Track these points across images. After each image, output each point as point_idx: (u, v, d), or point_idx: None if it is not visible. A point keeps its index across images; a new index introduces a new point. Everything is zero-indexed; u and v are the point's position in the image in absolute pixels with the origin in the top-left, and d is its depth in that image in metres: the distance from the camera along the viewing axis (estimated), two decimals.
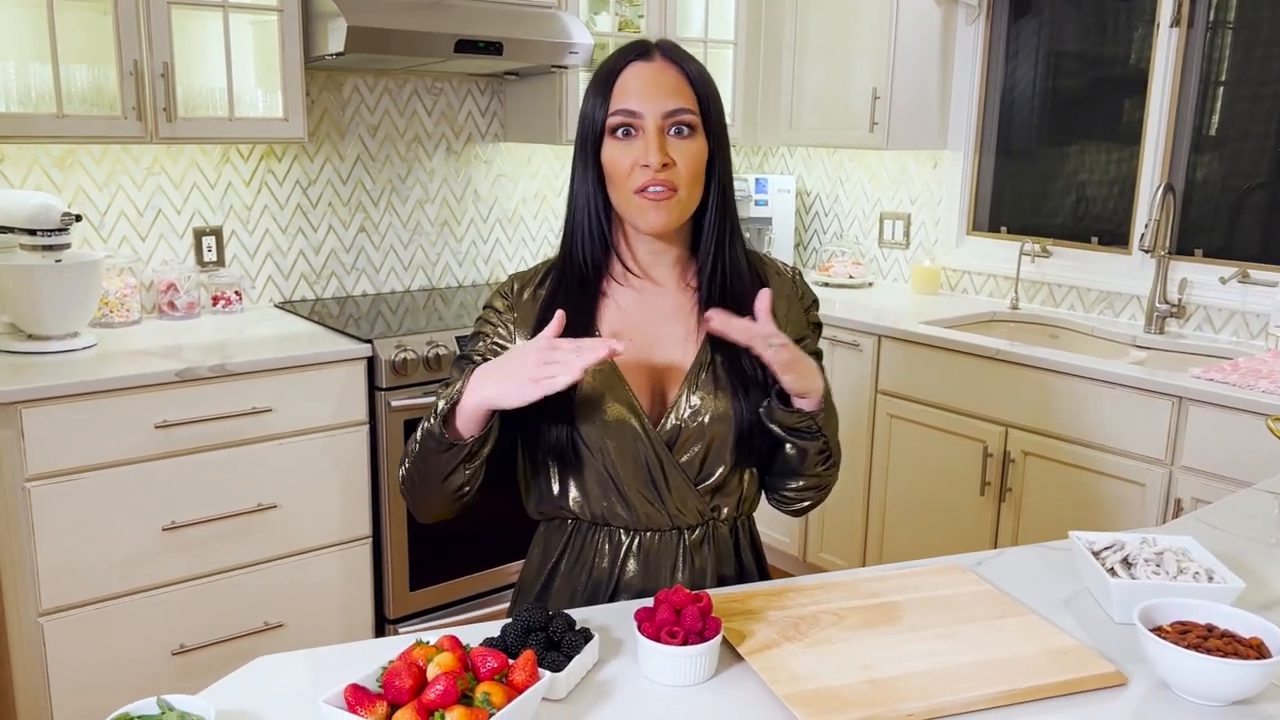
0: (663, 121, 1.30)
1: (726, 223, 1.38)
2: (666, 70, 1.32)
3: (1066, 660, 1.16)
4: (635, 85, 1.31)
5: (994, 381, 2.82)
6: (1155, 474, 2.53)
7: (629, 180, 1.30)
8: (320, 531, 2.66)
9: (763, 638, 1.20)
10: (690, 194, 1.32)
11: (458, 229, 3.48)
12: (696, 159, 1.31)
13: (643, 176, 1.29)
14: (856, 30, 3.44)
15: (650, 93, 1.30)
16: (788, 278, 1.48)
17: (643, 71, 1.31)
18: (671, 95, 1.30)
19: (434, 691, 0.96)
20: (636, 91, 1.30)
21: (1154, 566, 1.30)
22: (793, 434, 1.33)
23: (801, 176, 4.12)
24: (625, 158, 1.30)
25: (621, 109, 1.30)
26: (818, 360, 1.47)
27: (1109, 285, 3.19)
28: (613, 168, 1.32)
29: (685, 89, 1.31)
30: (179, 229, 2.93)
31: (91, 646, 2.36)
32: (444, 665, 0.99)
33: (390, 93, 3.26)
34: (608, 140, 1.32)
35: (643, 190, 1.30)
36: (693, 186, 1.32)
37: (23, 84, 2.43)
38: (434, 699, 0.95)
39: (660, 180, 1.29)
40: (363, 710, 0.95)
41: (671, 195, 1.30)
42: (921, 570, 1.40)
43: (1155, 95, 3.06)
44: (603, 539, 1.39)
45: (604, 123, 1.32)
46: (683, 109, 1.30)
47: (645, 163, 1.28)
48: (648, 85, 1.30)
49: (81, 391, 2.25)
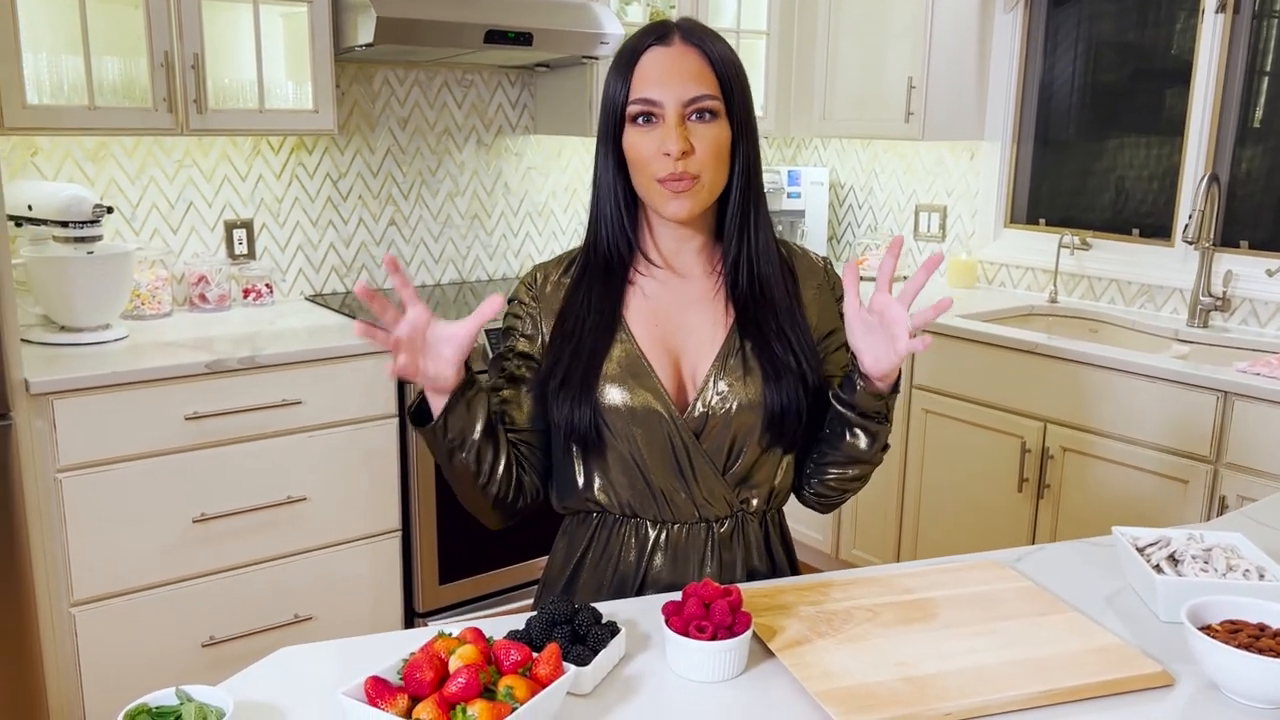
0: (683, 109, 1.26)
1: (751, 207, 1.34)
2: (687, 54, 1.28)
3: (1110, 659, 1.12)
4: (655, 72, 1.27)
5: (1032, 376, 2.76)
6: (1199, 471, 2.46)
7: (649, 168, 1.28)
8: (349, 524, 2.66)
9: (794, 633, 1.16)
10: (713, 180, 1.29)
11: (488, 222, 3.47)
12: (718, 144, 1.28)
13: (663, 166, 1.26)
14: (891, 19, 3.38)
15: (670, 79, 1.26)
16: (819, 267, 1.44)
17: (662, 57, 1.28)
18: (692, 81, 1.26)
19: (455, 684, 0.93)
20: (656, 78, 1.27)
21: (1202, 563, 1.26)
22: (866, 418, 1.31)
23: (835, 169, 4.07)
24: (646, 146, 1.27)
25: (641, 97, 1.27)
26: (845, 350, 1.44)
27: (1151, 278, 3.12)
28: (634, 155, 1.29)
29: (706, 73, 1.27)
30: (210, 221, 2.94)
31: (122, 638, 2.37)
32: (466, 658, 0.97)
33: (420, 85, 3.25)
34: (628, 127, 1.29)
35: (663, 180, 1.27)
36: (716, 172, 1.29)
37: (55, 76, 2.44)
38: (455, 692, 0.93)
39: (680, 171, 1.26)
40: (383, 703, 0.93)
41: (693, 183, 1.27)
42: (959, 566, 1.36)
43: (1199, 83, 2.98)
44: (629, 532, 1.37)
45: (624, 109, 1.29)
46: (703, 95, 1.26)
47: (665, 151, 1.25)
48: (667, 72, 1.27)
49: (113, 383, 2.26)
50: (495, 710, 0.92)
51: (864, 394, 1.29)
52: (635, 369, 1.32)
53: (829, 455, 1.37)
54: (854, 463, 1.36)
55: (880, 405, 1.30)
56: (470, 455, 1.28)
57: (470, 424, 1.27)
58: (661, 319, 1.36)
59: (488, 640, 1.03)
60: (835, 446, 1.35)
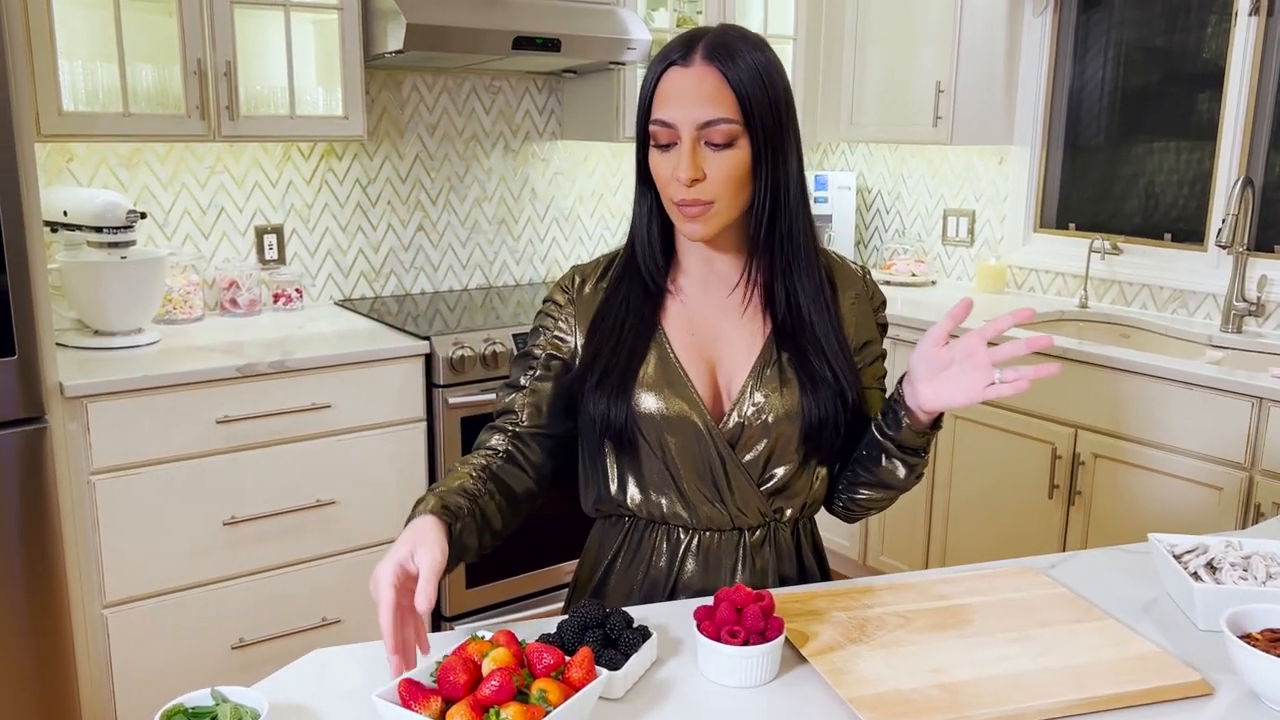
0: (697, 133, 1.24)
1: (775, 226, 1.30)
2: (705, 76, 1.23)
3: (1149, 667, 1.10)
4: (672, 94, 1.24)
5: (1063, 381, 2.74)
6: (1234, 478, 2.43)
7: (669, 191, 1.27)
8: (378, 528, 2.67)
9: (826, 639, 1.16)
10: (728, 204, 1.27)
11: (515, 227, 3.48)
12: (733, 170, 1.24)
13: (678, 191, 1.25)
14: (919, 22, 3.37)
15: (686, 102, 1.23)
16: (858, 276, 1.43)
17: (681, 79, 1.24)
18: (708, 104, 1.23)
19: (489, 687, 0.93)
20: (673, 100, 1.24)
21: (1241, 571, 1.24)
22: (906, 452, 1.30)
23: (862, 173, 4.06)
24: (664, 168, 1.27)
25: (658, 119, 1.25)
26: (881, 361, 1.43)
27: (1183, 283, 3.09)
28: (655, 174, 1.29)
29: (725, 95, 1.23)
30: (241, 227, 2.96)
31: (153, 639, 2.39)
32: (499, 661, 0.97)
33: (449, 91, 3.26)
34: (651, 145, 1.28)
35: (678, 204, 1.26)
36: (731, 197, 1.26)
37: (90, 83, 2.47)
38: (489, 695, 0.93)
39: (691, 197, 1.24)
40: (417, 705, 0.93)
41: (705, 209, 1.25)
42: (993, 572, 1.35)
43: (1233, 86, 2.95)
44: (661, 537, 1.36)
45: (646, 124, 1.28)
46: (718, 119, 1.23)
47: (677, 176, 1.24)
48: (684, 95, 1.23)
49: (145, 386, 2.28)
50: (529, 714, 0.91)
51: (909, 431, 1.28)
52: (671, 377, 1.32)
53: (862, 477, 1.37)
54: (887, 488, 1.36)
55: (923, 442, 1.29)
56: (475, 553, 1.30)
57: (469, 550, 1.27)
58: (697, 327, 1.35)
59: (520, 643, 1.03)
60: (870, 470, 1.35)
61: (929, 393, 1.23)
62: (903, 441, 1.29)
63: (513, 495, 1.35)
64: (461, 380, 2.70)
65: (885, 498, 1.38)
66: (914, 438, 1.28)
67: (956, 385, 1.20)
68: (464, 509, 1.23)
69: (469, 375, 2.71)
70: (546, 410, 1.37)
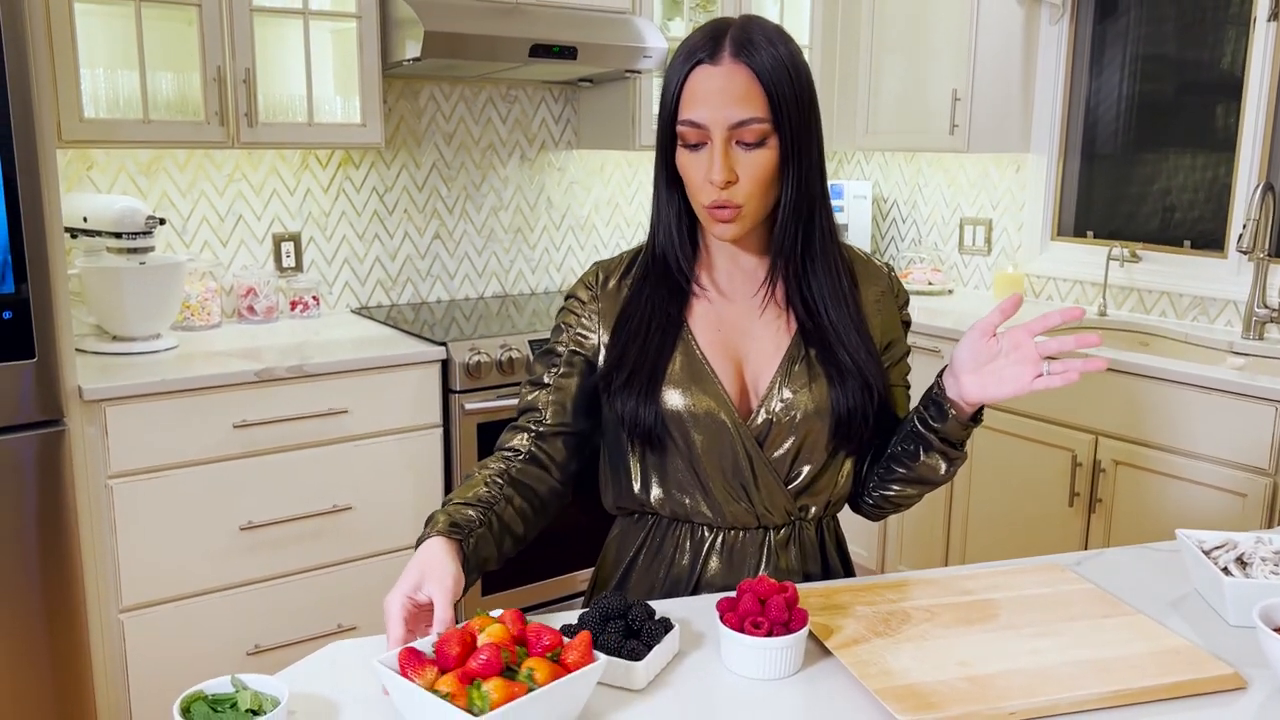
0: (729, 133, 1.22)
1: (801, 227, 1.30)
2: (735, 74, 1.21)
3: (1180, 661, 1.08)
4: (701, 94, 1.22)
5: (1082, 388, 2.72)
6: (1257, 484, 2.40)
7: (700, 194, 1.26)
8: (394, 534, 2.66)
9: (851, 632, 1.14)
10: (759, 205, 1.26)
11: (531, 236, 3.48)
12: (764, 170, 1.24)
13: (709, 194, 1.24)
14: (935, 31, 3.37)
15: (716, 103, 1.21)
16: (883, 273, 1.42)
17: (711, 78, 1.21)
18: (738, 104, 1.21)
19: (477, 661, 0.95)
20: (702, 101, 1.22)
21: (1272, 566, 1.22)
22: (949, 445, 1.30)
23: (878, 182, 4.05)
24: (695, 170, 1.25)
25: (688, 120, 1.23)
26: (906, 359, 1.42)
27: (1203, 290, 3.06)
28: (685, 176, 1.27)
29: (755, 93, 1.21)
30: (259, 234, 2.97)
31: (169, 644, 2.38)
32: (493, 636, 0.98)
33: (466, 100, 3.27)
34: (679, 146, 1.27)
35: (708, 207, 1.25)
36: (762, 197, 1.25)
37: (111, 90, 2.49)
38: (476, 668, 0.94)
39: (723, 200, 1.23)
40: (412, 672, 0.95)
41: (736, 212, 1.24)
42: (1018, 569, 1.33)
43: (1252, 92, 2.94)
44: (684, 535, 1.35)
45: (674, 126, 1.26)
46: (749, 119, 1.21)
47: (710, 178, 1.23)
48: (714, 95, 1.21)
49: (163, 390, 2.28)
50: (510, 689, 0.92)
51: (954, 423, 1.27)
52: (698, 374, 1.30)
53: (897, 472, 1.35)
54: (923, 483, 1.36)
55: (966, 434, 1.29)
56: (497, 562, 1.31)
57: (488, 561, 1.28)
58: (724, 324, 1.34)
59: (526, 623, 1.03)
60: (907, 466, 1.34)
61: (974, 384, 1.23)
62: (948, 434, 1.28)
63: (536, 496, 1.34)
64: (478, 386, 2.70)
65: (917, 494, 1.37)
66: (958, 430, 1.28)
67: (1003, 377, 1.20)
68: (475, 522, 1.23)
69: (485, 381, 2.70)
70: (571, 407, 1.36)
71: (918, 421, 1.31)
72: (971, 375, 1.23)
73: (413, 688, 0.93)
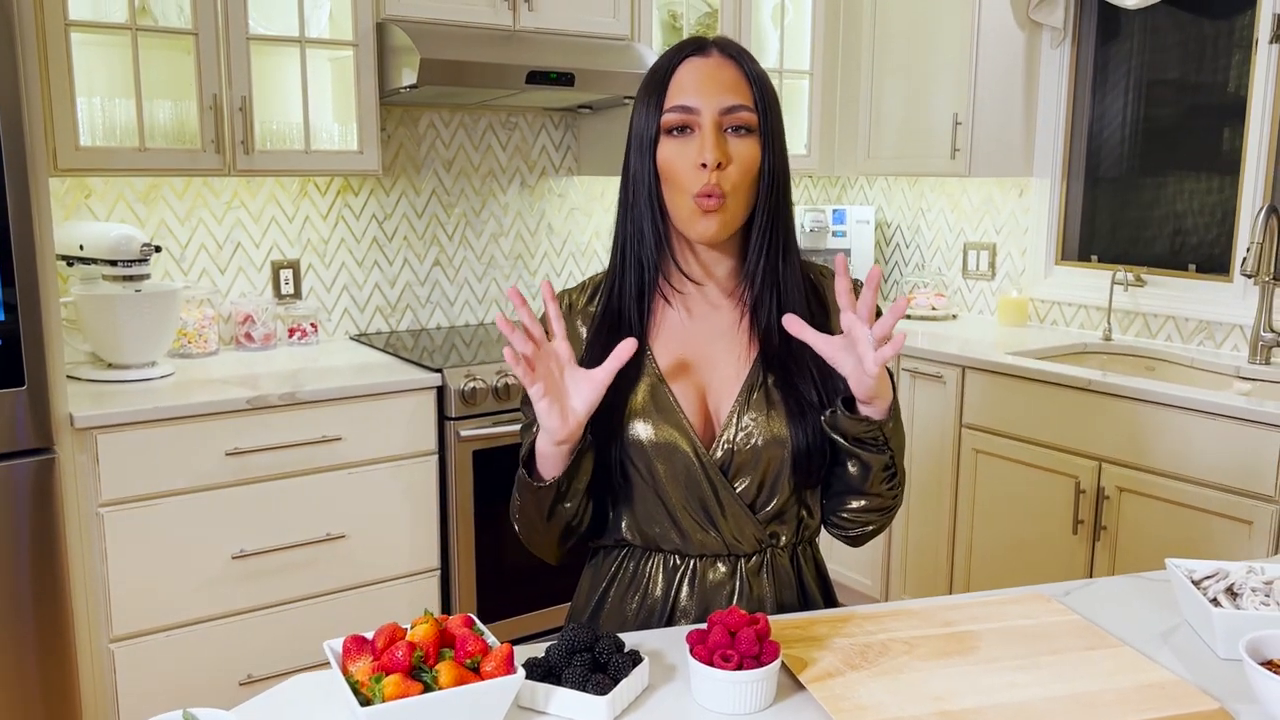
0: (720, 118, 1.23)
1: (777, 234, 1.29)
2: (724, 66, 1.26)
3: (1164, 696, 1.05)
4: (692, 81, 1.24)
5: (1086, 414, 2.68)
6: (1263, 511, 2.36)
7: (687, 182, 1.24)
8: (389, 563, 2.64)
9: (826, 665, 1.11)
10: (741, 200, 1.25)
11: (532, 262, 3.48)
12: (751, 161, 1.25)
13: (698, 179, 1.22)
14: (936, 55, 3.36)
15: (708, 88, 1.23)
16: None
17: (701, 66, 1.25)
18: (730, 91, 1.24)
19: (389, 655, 0.97)
20: (693, 87, 1.24)
21: (1263, 596, 1.18)
22: (858, 445, 1.24)
23: (881, 207, 4.03)
24: (683, 157, 1.24)
25: (678, 105, 1.24)
26: None
27: (1209, 314, 3.03)
28: (669, 168, 1.25)
29: (743, 85, 1.25)
30: (257, 262, 2.98)
31: (160, 674, 2.36)
32: (416, 636, 1.00)
33: (465, 127, 3.28)
34: (663, 140, 1.25)
35: (697, 196, 1.23)
36: (745, 192, 1.25)
37: (108, 119, 2.50)
38: (385, 662, 0.97)
39: (712, 187, 1.22)
40: (349, 659, 1.00)
41: (722, 201, 1.23)
42: (1003, 599, 1.30)
43: (1255, 114, 2.91)
44: (656, 565, 1.32)
45: (659, 123, 1.25)
46: (741, 105, 1.24)
47: (703, 160, 1.22)
48: (705, 81, 1.24)
49: (154, 418, 2.28)
50: (404, 687, 0.94)
51: (845, 418, 1.22)
52: (661, 403, 1.28)
53: (833, 485, 1.33)
54: (855, 494, 1.31)
55: (867, 430, 1.23)
56: (572, 505, 1.27)
57: (582, 478, 1.25)
58: (688, 351, 1.32)
59: (476, 630, 1.04)
60: (839, 477, 1.31)
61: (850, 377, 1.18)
62: (844, 429, 1.23)
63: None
64: (474, 413, 2.68)
65: (864, 508, 1.32)
66: (852, 425, 1.22)
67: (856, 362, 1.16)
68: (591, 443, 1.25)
69: (481, 408, 2.69)
70: None
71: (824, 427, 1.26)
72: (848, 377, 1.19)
73: (335, 671, 1.00)
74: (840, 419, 1.23)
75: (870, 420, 1.22)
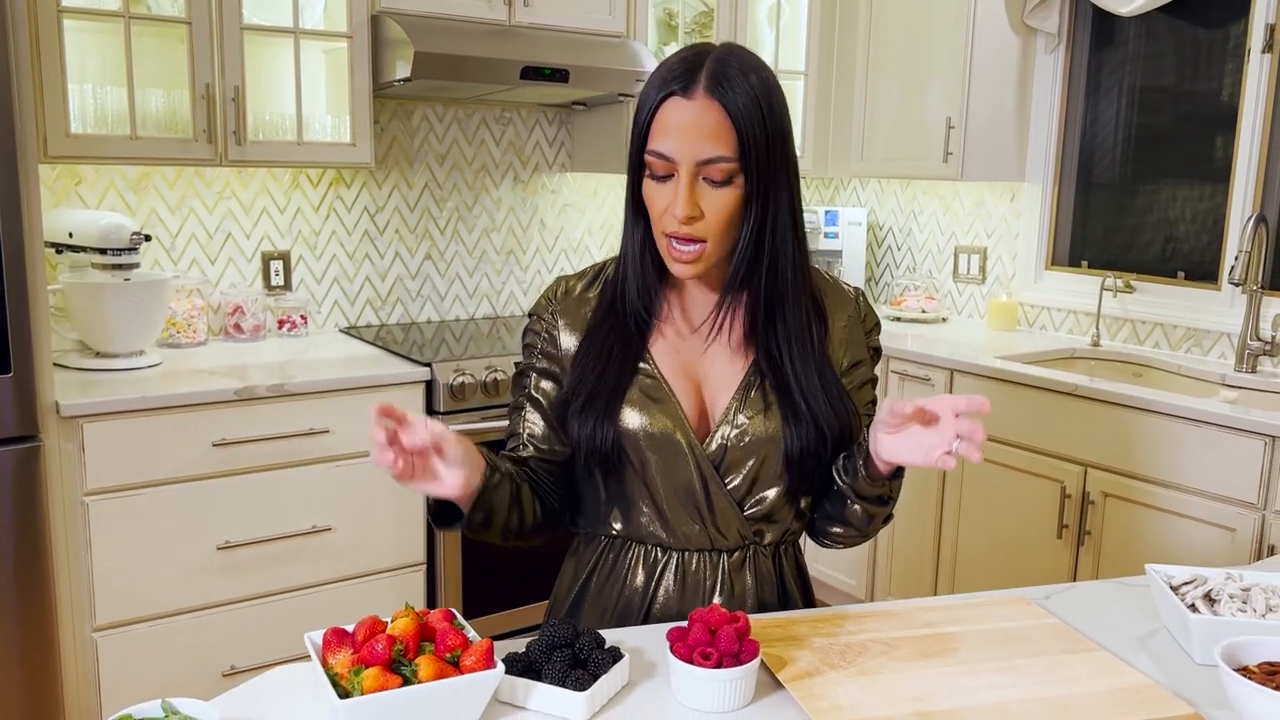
0: (696, 169, 1.20)
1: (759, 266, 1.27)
2: (708, 110, 1.19)
3: (1139, 700, 1.06)
4: (672, 126, 1.20)
5: (1073, 419, 2.69)
6: (1246, 519, 2.37)
7: (663, 223, 1.24)
8: (374, 556, 2.64)
9: (805, 664, 1.12)
10: (719, 244, 1.24)
11: (523, 258, 3.48)
12: (727, 209, 1.22)
13: (670, 223, 1.23)
14: (930, 59, 3.37)
15: (686, 138, 1.19)
16: (851, 299, 1.40)
17: (682, 112, 1.19)
18: (708, 141, 1.19)
19: (368, 648, 0.98)
20: (673, 134, 1.20)
21: (1240, 603, 1.19)
22: (868, 501, 1.28)
23: (874, 209, 4.04)
24: (659, 200, 1.24)
25: (655, 150, 1.22)
26: (871, 386, 1.40)
27: (1197, 322, 3.04)
28: (650, 206, 1.26)
29: (725, 131, 1.19)
30: (248, 253, 2.97)
31: (143, 664, 2.36)
32: (397, 629, 1.01)
33: (459, 122, 3.28)
34: (646, 175, 1.25)
35: (669, 235, 1.24)
36: (722, 237, 1.24)
37: (99, 107, 2.49)
38: (365, 654, 0.97)
39: (685, 235, 1.22)
40: (329, 651, 1.01)
41: (699, 251, 1.23)
42: (983, 601, 1.31)
43: (1246, 122, 2.92)
44: (638, 556, 1.33)
45: (642, 154, 1.24)
46: (717, 157, 1.19)
47: (674, 213, 1.21)
48: (685, 130, 1.19)
49: (141, 408, 2.27)
50: (383, 680, 0.95)
51: (864, 481, 1.25)
52: (657, 394, 1.29)
53: (829, 512, 1.35)
54: (857, 529, 1.34)
55: (881, 491, 1.26)
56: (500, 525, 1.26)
57: (497, 510, 1.24)
58: (684, 349, 1.33)
59: (456, 624, 1.04)
60: (838, 510, 1.33)
61: (889, 445, 1.18)
62: (860, 490, 1.26)
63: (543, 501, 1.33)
64: (462, 407, 2.68)
65: (859, 534, 1.35)
66: (869, 487, 1.25)
67: (917, 443, 1.15)
68: (501, 470, 1.24)
69: (470, 402, 2.69)
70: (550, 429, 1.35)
71: (836, 474, 1.29)
72: (889, 436, 1.18)
73: (315, 663, 1.01)
74: (860, 482, 1.25)
75: (888, 483, 1.25)
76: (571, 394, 1.31)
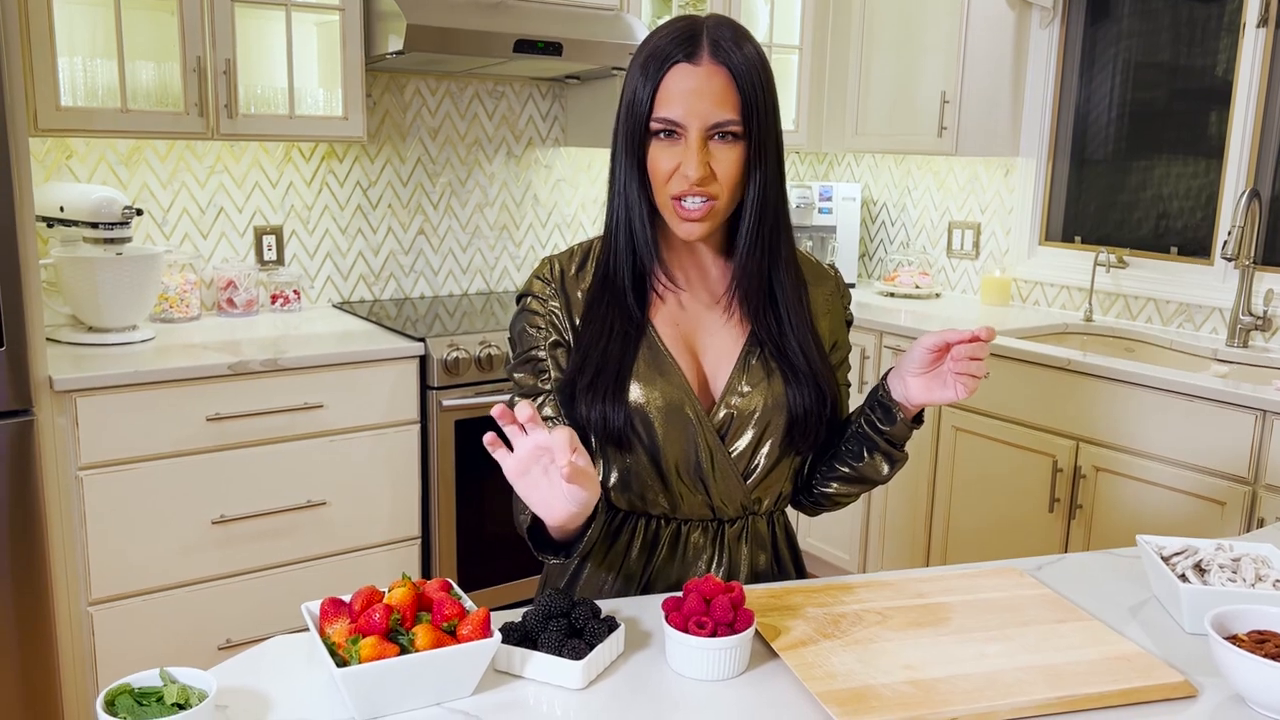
0: (706, 132, 1.22)
1: (765, 227, 1.29)
2: (714, 75, 1.21)
3: (1130, 668, 1.07)
4: (679, 94, 1.21)
5: (1065, 393, 2.70)
6: (1237, 492, 2.39)
7: (668, 186, 1.24)
8: (369, 530, 2.64)
9: (799, 634, 1.13)
10: (729, 201, 1.26)
11: (516, 233, 3.47)
12: (737, 166, 1.24)
13: (681, 184, 1.23)
14: (925, 33, 3.35)
15: (694, 104, 1.21)
16: (830, 274, 1.43)
17: (689, 78, 1.21)
18: (717, 106, 1.21)
19: (366, 617, 0.98)
20: (680, 101, 1.21)
21: (1229, 573, 1.20)
22: (893, 446, 1.33)
23: (868, 184, 4.04)
24: (667, 162, 1.24)
25: (664, 117, 1.22)
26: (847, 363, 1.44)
27: (1189, 297, 3.05)
28: (654, 169, 1.25)
29: (731, 94, 1.21)
30: (240, 227, 2.96)
31: (138, 638, 2.37)
32: (394, 599, 1.02)
33: (451, 95, 3.26)
34: (651, 139, 1.25)
35: (679, 198, 1.24)
36: (732, 193, 1.25)
37: (90, 79, 2.48)
38: (362, 624, 0.98)
39: (698, 192, 1.23)
40: (326, 621, 1.01)
41: (709, 206, 1.24)
42: (976, 572, 1.32)
43: (1240, 97, 2.92)
44: (638, 527, 1.34)
45: (647, 121, 1.24)
46: (726, 120, 1.21)
47: (686, 173, 1.22)
48: (692, 96, 1.21)
49: (135, 382, 2.27)
50: (380, 649, 0.95)
51: (901, 425, 1.30)
52: (662, 366, 1.30)
53: (839, 471, 1.38)
54: (864, 482, 1.38)
55: (909, 435, 1.33)
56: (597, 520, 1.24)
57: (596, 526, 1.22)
58: (682, 320, 1.34)
59: (452, 594, 1.05)
60: (851, 466, 1.36)
61: (920, 387, 1.26)
62: (894, 436, 1.31)
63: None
64: (456, 383, 2.68)
65: (857, 492, 1.40)
66: (904, 431, 1.31)
67: (948, 382, 1.23)
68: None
69: (464, 378, 2.69)
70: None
71: (864, 424, 1.33)
72: (918, 378, 1.26)
73: (312, 632, 1.02)
74: (899, 425, 1.30)
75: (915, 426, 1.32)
76: (578, 371, 1.30)
